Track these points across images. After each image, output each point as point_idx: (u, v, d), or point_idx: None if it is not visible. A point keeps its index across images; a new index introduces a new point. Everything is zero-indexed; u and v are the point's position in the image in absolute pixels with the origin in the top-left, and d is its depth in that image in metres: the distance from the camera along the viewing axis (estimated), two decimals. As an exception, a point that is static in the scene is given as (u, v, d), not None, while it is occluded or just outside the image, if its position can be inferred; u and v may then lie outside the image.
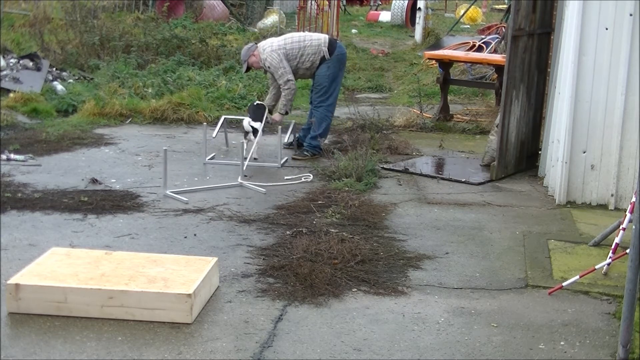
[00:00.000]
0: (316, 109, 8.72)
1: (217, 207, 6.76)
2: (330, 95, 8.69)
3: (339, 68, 8.76)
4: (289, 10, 21.50)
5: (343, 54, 8.83)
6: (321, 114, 8.68)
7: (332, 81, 8.65)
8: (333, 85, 8.68)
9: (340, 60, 8.74)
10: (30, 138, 8.83)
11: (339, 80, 8.82)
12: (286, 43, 8.59)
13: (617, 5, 7.00)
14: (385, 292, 5.13)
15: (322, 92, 8.67)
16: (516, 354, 4.39)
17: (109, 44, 13.02)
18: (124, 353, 4.20)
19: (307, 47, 8.57)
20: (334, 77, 8.67)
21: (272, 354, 4.27)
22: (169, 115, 10.14)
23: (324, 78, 8.64)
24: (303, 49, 8.56)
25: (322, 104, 8.69)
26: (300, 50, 8.55)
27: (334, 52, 8.62)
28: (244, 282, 5.19)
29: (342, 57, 8.78)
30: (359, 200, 6.94)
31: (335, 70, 8.68)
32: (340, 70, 8.83)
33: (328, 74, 8.63)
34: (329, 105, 8.72)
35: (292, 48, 8.55)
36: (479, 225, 6.58)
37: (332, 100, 8.74)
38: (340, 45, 8.89)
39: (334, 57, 8.63)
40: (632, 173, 7.08)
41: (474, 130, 10.29)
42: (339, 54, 8.71)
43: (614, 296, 5.16)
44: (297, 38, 8.71)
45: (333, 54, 8.61)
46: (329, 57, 8.59)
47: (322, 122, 8.67)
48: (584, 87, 7.16)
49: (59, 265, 4.91)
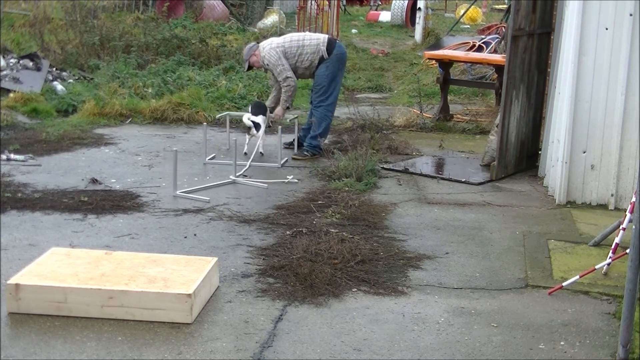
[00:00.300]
0: (316, 108, 8.73)
1: (217, 207, 6.76)
2: (330, 95, 8.69)
3: (339, 68, 8.76)
4: (289, 10, 21.50)
5: (342, 54, 8.83)
6: (321, 113, 8.68)
7: (331, 81, 8.66)
8: (332, 85, 8.69)
9: (339, 60, 8.74)
10: (30, 138, 8.83)
11: (338, 80, 8.83)
12: (285, 42, 8.63)
13: (617, 5, 7.00)
14: (385, 292, 5.13)
15: (322, 91, 8.68)
16: (516, 354, 4.39)
17: (109, 44, 13.02)
18: (124, 353, 4.20)
19: (306, 46, 8.59)
20: (333, 76, 8.68)
21: (272, 354, 4.27)
22: (169, 115, 10.14)
23: (323, 78, 8.65)
24: (302, 48, 8.57)
25: (321, 103, 8.69)
26: (298, 49, 8.56)
27: (332, 52, 8.63)
28: (244, 282, 5.19)
29: (341, 57, 8.79)
30: (359, 200, 6.94)
31: (335, 70, 8.69)
32: (340, 70, 8.83)
33: (327, 74, 8.64)
34: (328, 105, 8.72)
35: (290, 47, 8.58)
36: (479, 225, 6.58)
37: (332, 100, 8.74)
38: (339, 45, 8.90)
39: (333, 57, 8.64)
40: (632, 173, 7.08)
41: (474, 130, 10.29)
42: (338, 53, 8.71)
43: (614, 296, 5.16)
44: (297, 37, 8.75)
45: (332, 53, 8.63)
46: (328, 57, 8.60)
47: (322, 122, 8.67)
48: (584, 87, 7.16)
49: (59, 265, 4.91)
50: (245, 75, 11.91)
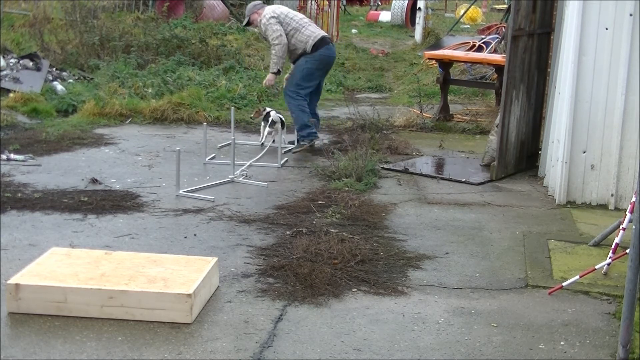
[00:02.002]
0: (290, 98, 8.80)
1: (217, 207, 6.76)
2: (302, 89, 8.74)
3: (318, 67, 8.77)
4: (289, 10, 21.47)
5: (328, 56, 8.81)
6: (295, 106, 8.76)
7: (306, 75, 8.70)
8: (306, 81, 8.73)
9: (322, 60, 8.74)
10: (30, 138, 8.83)
11: (314, 79, 8.83)
12: (286, 16, 8.67)
13: (617, 5, 7.00)
14: (385, 292, 5.13)
15: (294, 83, 8.75)
16: (516, 354, 4.39)
17: (109, 44, 13.02)
18: (124, 353, 4.20)
19: (299, 32, 8.64)
20: (309, 73, 8.71)
21: (272, 354, 4.27)
22: (169, 115, 10.14)
23: (299, 69, 8.75)
24: (294, 31, 8.63)
25: (292, 94, 8.76)
26: (292, 30, 8.62)
27: (318, 50, 8.64)
28: (244, 282, 5.19)
29: (325, 58, 8.77)
30: (359, 200, 6.94)
31: (313, 67, 8.72)
32: (320, 70, 8.83)
33: (304, 67, 8.70)
34: (300, 98, 8.75)
35: (287, 23, 8.63)
36: (479, 225, 6.58)
37: (302, 95, 8.77)
38: (330, 47, 8.86)
39: (317, 55, 8.67)
40: (632, 173, 7.08)
41: (474, 130, 10.29)
42: (323, 54, 8.71)
43: (614, 296, 5.16)
44: (298, 19, 8.78)
45: (317, 51, 8.64)
46: (309, 52, 8.64)
47: (297, 111, 8.75)
48: (584, 87, 7.16)
49: (59, 265, 4.91)
50: (245, 75, 11.90)
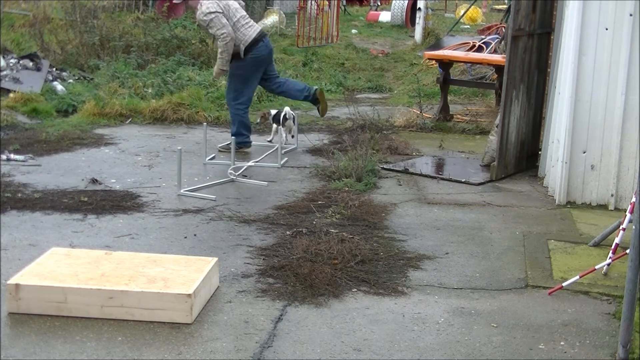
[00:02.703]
0: (229, 103, 8.69)
1: (217, 207, 6.76)
2: (241, 94, 8.58)
3: (253, 71, 8.57)
4: (289, 10, 21.48)
5: (260, 56, 8.53)
6: (232, 112, 8.65)
7: (244, 81, 8.57)
8: (245, 86, 8.60)
9: (255, 62, 8.52)
10: (30, 138, 8.83)
11: (252, 81, 8.66)
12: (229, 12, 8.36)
13: (617, 5, 7.00)
14: (385, 292, 5.13)
15: (233, 89, 8.62)
16: (516, 354, 4.39)
17: (109, 44, 13.02)
18: (124, 353, 4.20)
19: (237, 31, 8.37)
20: (245, 78, 8.57)
21: (272, 354, 4.27)
22: (169, 116, 10.15)
23: (234, 77, 8.59)
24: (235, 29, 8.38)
25: (232, 101, 8.63)
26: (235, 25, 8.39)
27: (249, 53, 8.43)
28: (244, 282, 5.19)
29: (257, 59, 8.52)
30: (359, 201, 6.94)
31: (248, 73, 8.54)
32: (256, 72, 8.61)
33: (238, 74, 8.55)
34: (239, 104, 8.59)
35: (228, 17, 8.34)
36: (479, 225, 6.58)
37: (244, 99, 8.62)
38: (263, 45, 8.51)
39: (248, 59, 8.46)
40: (632, 173, 7.08)
41: (474, 130, 10.28)
42: (255, 56, 8.49)
43: (614, 296, 5.16)
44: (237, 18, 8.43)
45: (248, 54, 8.44)
46: (243, 57, 8.45)
47: (234, 121, 8.63)
48: (584, 87, 7.16)
49: (59, 265, 4.91)
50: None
